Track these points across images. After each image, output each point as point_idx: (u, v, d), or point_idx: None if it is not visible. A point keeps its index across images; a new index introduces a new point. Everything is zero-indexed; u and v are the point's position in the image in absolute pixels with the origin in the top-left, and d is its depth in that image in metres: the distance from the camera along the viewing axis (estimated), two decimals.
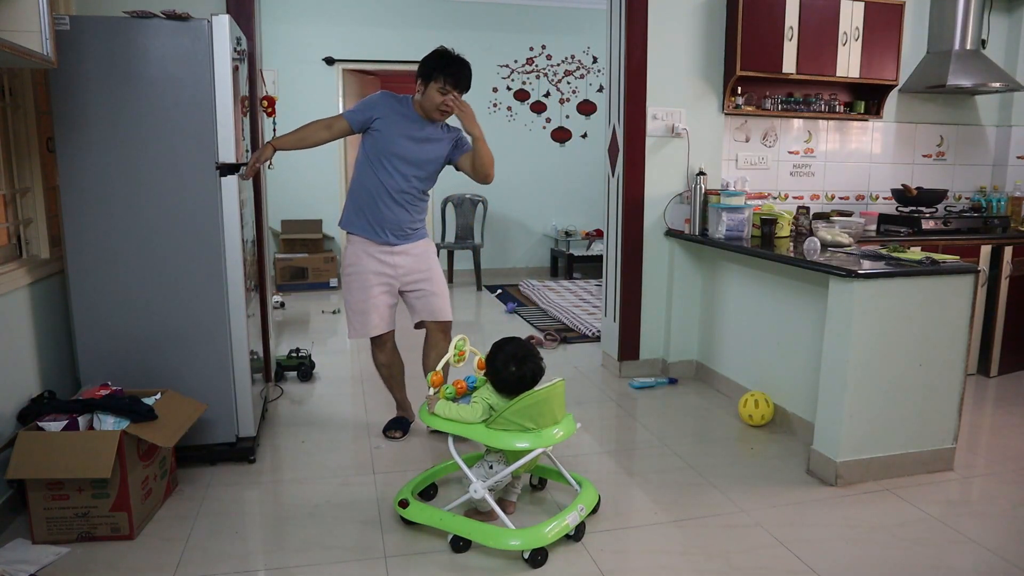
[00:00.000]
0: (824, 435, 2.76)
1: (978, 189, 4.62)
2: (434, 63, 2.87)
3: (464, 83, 2.88)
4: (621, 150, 3.91)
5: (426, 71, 2.88)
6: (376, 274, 3.02)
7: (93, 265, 2.64)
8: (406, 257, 3.05)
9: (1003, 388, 3.91)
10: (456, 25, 7.14)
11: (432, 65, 2.86)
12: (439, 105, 2.86)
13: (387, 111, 2.94)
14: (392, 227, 3.00)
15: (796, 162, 4.26)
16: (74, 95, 2.52)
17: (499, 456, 2.36)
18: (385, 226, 2.99)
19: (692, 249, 3.95)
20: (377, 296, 3.03)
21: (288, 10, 6.79)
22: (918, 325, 2.69)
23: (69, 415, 2.33)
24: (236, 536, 2.37)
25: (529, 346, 2.37)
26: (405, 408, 3.34)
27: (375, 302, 3.03)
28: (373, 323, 3.04)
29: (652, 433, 3.28)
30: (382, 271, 3.03)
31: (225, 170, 2.67)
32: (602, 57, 7.54)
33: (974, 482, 2.79)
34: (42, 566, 2.13)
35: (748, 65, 3.81)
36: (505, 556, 2.22)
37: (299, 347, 4.17)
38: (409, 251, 3.06)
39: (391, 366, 3.21)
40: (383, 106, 2.95)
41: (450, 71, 2.84)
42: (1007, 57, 4.44)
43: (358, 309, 3.04)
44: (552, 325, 5.30)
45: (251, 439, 2.88)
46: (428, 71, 2.87)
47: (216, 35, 2.58)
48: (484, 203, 7.30)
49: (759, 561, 2.22)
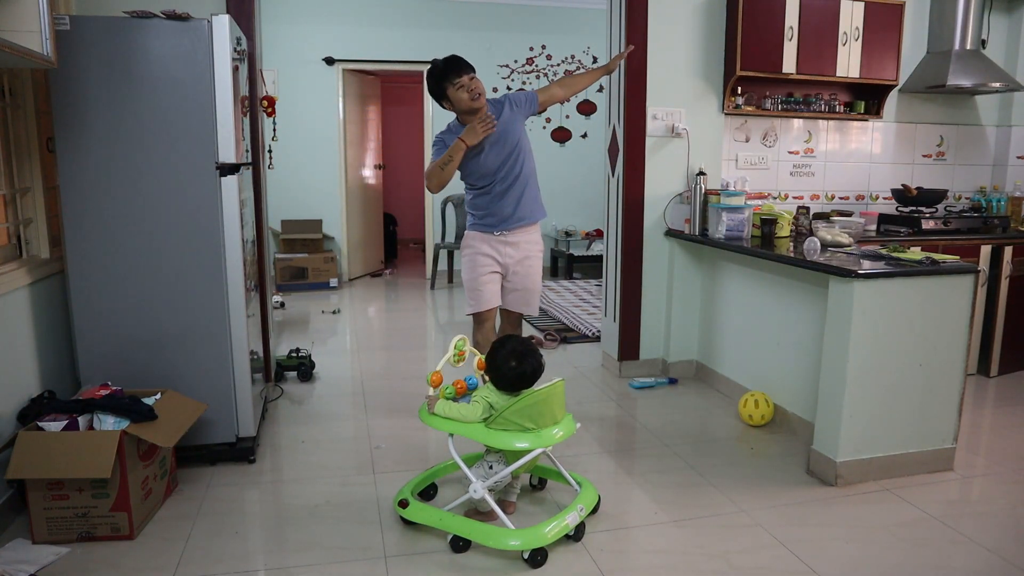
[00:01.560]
0: (824, 435, 2.76)
1: (978, 189, 4.62)
2: (435, 78, 2.96)
3: (465, 67, 2.95)
4: (621, 150, 3.91)
5: (438, 88, 2.97)
6: (484, 255, 3.11)
7: (93, 265, 2.64)
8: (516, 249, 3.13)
9: (1003, 388, 3.91)
10: (456, 25, 7.15)
11: (436, 80, 2.96)
12: (469, 97, 2.92)
13: (453, 139, 2.98)
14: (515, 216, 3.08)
15: (796, 162, 4.26)
16: (74, 95, 2.52)
17: (499, 456, 2.36)
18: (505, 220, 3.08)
19: (692, 249, 3.95)
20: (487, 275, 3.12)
21: (288, 10, 6.79)
22: (918, 325, 2.69)
23: (69, 415, 2.33)
24: (236, 536, 2.37)
25: (529, 343, 2.38)
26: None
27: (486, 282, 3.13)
28: (484, 299, 3.14)
29: (652, 433, 3.28)
30: (489, 253, 3.12)
31: (225, 170, 2.67)
32: (602, 57, 7.54)
33: (974, 482, 2.79)
34: (42, 566, 2.13)
35: (748, 65, 3.81)
36: (505, 556, 2.22)
37: (299, 347, 4.17)
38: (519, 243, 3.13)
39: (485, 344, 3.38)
40: (450, 136, 3.02)
41: (448, 71, 2.93)
42: (1007, 57, 4.44)
43: (471, 286, 3.16)
44: (552, 325, 5.30)
45: (251, 439, 2.89)
46: (438, 86, 2.96)
47: (216, 35, 2.59)
48: None
49: (759, 561, 2.22)
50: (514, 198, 3.08)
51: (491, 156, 3.02)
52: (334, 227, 7.18)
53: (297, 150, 6.83)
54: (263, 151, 3.55)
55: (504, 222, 3.10)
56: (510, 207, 3.09)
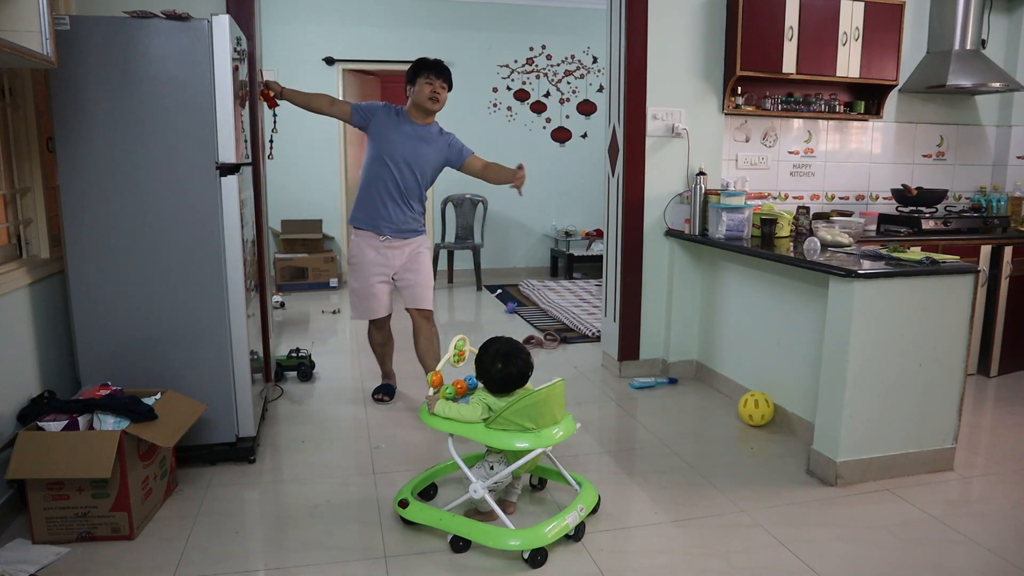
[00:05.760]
0: (824, 435, 2.76)
1: (978, 189, 4.62)
2: (415, 67, 3.35)
3: (445, 74, 3.34)
4: (621, 150, 3.91)
5: (411, 75, 3.36)
6: (375, 264, 3.43)
7: (93, 265, 2.63)
8: (400, 252, 3.45)
9: (1003, 388, 3.91)
10: (456, 25, 7.15)
11: (414, 68, 3.35)
12: (429, 95, 3.30)
13: (386, 117, 3.37)
14: (391, 225, 3.41)
15: (796, 162, 4.26)
16: (74, 95, 2.52)
17: (499, 456, 2.36)
18: (384, 223, 3.40)
19: (692, 249, 3.95)
20: (376, 284, 3.45)
21: (288, 10, 6.79)
22: (918, 325, 2.69)
23: (69, 415, 2.33)
24: (236, 536, 2.37)
25: (515, 344, 2.37)
26: (391, 376, 3.80)
27: (374, 290, 3.46)
28: (372, 307, 3.49)
29: (652, 433, 3.28)
30: (380, 262, 3.43)
31: (225, 170, 2.67)
32: (602, 57, 7.55)
33: (974, 482, 2.79)
34: (42, 566, 2.13)
35: (748, 65, 3.81)
36: (505, 556, 2.22)
37: (299, 347, 4.17)
38: (404, 247, 3.46)
39: (384, 344, 3.70)
40: (383, 112, 3.39)
41: (429, 65, 3.31)
42: (1007, 57, 4.44)
43: (360, 295, 3.49)
44: (552, 325, 5.30)
45: (251, 439, 2.89)
46: (412, 74, 3.36)
47: (216, 35, 2.58)
48: (484, 203, 7.30)
49: (759, 561, 2.22)
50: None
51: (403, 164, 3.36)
52: (334, 227, 7.18)
53: (297, 150, 6.83)
54: (263, 150, 3.55)
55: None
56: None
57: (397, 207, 3.38)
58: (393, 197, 3.37)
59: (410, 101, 3.38)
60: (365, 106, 3.39)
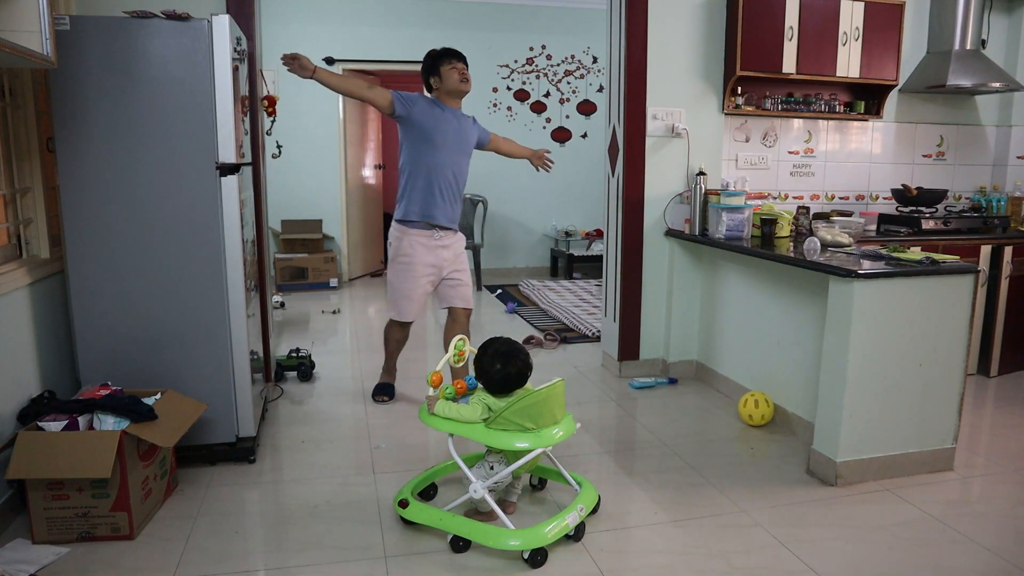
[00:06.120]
0: (824, 435, 2.76)
1: (978, 189, 4.62)
2: (432, 57, 3.38)
3: (463, 57, 3.39)
4: (621, 150, 3.91)
5: (433, 65, 3.37)
6: (426, 265, 3.38)
7: (93, 265, 2.64)
8: (449, 251, 3.45)
9: (1003, 388, 3.91)
10: (456, 25, 7.14)
11: (433, 59, 3.37)
12: (459, 78, 3.33)
13: (427, 106, 3.33)
14: (446, 214, 3.39)
15: (796, 162, 4.26)
16: (74, 95, 2.52)
17: (499, 456, 2.36)
18: (440, 213, 3.36)
19: (692, 249, 3.96)
20: (426, 286, 3.43)
21: (288, 10, 6.79)
22: (918, 325, 2.69)
23: (69, 415, 2.33)
24: (236, 536, 2.37)
25: (514, 344, 2.37)
26: (393, 373, 3.77)
27: (422, 291, 3.44)
28: (416, 309, 3.47)
29: (652, 433, 3.28)
30: (433, 263, 3.40)
31: (225, 170, 2.67)
32: (602, 57, 7.55)
33: (974, 482, 2.79)
34: (42, 566, 2.13)
35: (748, 65, 3.81)
36: (505, 556, 2.22)
37: (299, 347, 4.17)
38: (452, 245, 3.47)
39: (401, 342, 3.66)
40: (423, 101, 3.34)
41: (447, 53, 3.35)
42: (1007, 57, 4.44)
43: (406, 295, 3.42)
44: (552, 325, 5.30)
45: (251, 439, 2.89)
46: (434, 63, 3.37)
47: (216, 35, 2.58)
48: (484, 203, 7.30)
49: (759, 561, 2.23)
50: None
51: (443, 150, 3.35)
52: (334, 227, 7.18)
53: (297, 150, 6.82)
54: (263, 151, 3.56)
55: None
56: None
57: (452, 195, 3.38)
58: (450, 185, 3.35)
59: (440, 91, 3.37)
60: (406, 95, 3.27)
